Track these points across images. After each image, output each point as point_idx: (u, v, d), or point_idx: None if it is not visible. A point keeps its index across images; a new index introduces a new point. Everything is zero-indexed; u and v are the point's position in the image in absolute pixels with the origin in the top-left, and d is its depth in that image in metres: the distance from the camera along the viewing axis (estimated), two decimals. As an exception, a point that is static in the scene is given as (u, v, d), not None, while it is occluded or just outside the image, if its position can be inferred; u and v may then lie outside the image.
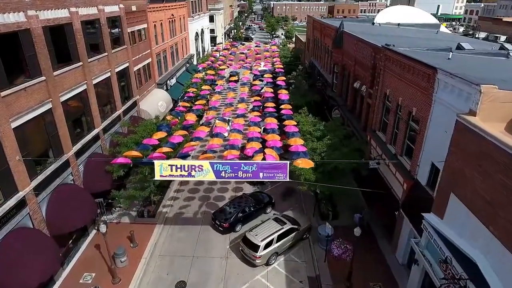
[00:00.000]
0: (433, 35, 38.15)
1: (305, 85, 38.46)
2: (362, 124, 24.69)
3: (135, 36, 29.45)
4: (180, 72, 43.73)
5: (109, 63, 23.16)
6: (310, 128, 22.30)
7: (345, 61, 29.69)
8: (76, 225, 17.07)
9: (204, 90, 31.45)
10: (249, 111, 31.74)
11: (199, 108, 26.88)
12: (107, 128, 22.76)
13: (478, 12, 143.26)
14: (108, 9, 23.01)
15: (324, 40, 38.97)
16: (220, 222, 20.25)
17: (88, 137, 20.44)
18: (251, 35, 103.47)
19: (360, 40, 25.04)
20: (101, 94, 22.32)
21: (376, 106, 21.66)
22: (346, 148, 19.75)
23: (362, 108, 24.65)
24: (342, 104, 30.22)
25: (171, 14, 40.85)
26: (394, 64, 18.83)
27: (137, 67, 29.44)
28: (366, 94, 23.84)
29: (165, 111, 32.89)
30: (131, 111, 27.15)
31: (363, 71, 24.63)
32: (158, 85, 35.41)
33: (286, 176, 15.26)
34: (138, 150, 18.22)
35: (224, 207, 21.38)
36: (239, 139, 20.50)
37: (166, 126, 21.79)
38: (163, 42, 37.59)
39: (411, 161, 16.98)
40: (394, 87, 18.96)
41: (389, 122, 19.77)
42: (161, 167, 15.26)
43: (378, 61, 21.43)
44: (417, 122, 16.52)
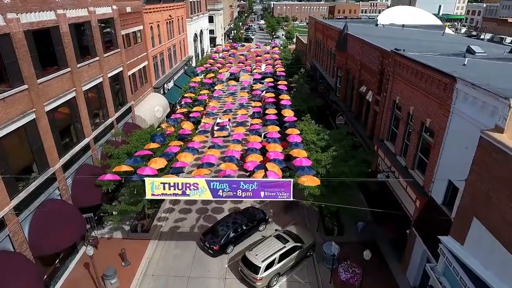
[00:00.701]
0: (439, 37, 36.87)
1: (307, 88, 37.19)
2: (368, 132, 23.40)
3: (130, 38, 28.17)
4: (178, 74, 42.46)
5: (101, 68, 21.87)
6: (313, 137, 21.00)
7: (350, 65, 28.41)
8: (62, 246, 15.77)
9: (202, 95, 30.14)
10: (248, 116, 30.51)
11: (196, 116, 25.57)
12: (98, 137, 21.48)
13: (480, 12, 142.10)
14: (100, 10, 21.72)
15: (327, 42, 37.69)
16: (210, 245, 18.52)
17: (77, 147, 19.16)
18: (251, 35, 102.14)
19: (366, 44, 23.74)
20: (92, 101, 21.04)
21: (384, 114, 20.37)
22: (353, 160, 18.44)
23: (369, 115, 23.36)
24: (346, 110, 28.95)
25: (169, 15, 39.58)
26: (404, 71, 17.55)
27: (132, 71, 28.16)
28: (373, 100, 22.56)
29: (161, 116, 31.62)
30: (125, 118, 25.86)
31: (370, 76, 23.34)
32: (155, 89, 34.13)
33: (290, 195, 13.98)
34: (129, 165, 16.93)
35: (213, 227, 19.61)
36: (238, 151, 19.18)
37: (161, 136, 20.46)
38: (160, 44, 36.32)
39: (424, 176, 15.68)
40: (404, 95, 17.68)
41: (398, 132, 18.49)
42: (152, 185, 13.98)
43: (386, 66, 20.15)
44: (431, 135, 15.24)
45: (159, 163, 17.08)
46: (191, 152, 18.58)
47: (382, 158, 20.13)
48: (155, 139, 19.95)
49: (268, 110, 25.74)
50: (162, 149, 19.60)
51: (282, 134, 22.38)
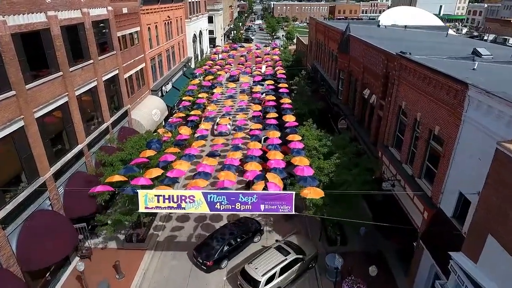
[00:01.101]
0: (443, 39, 36.10)
1: (308, 91, 36.43)
2: (371, 137, 22.63)
3: (127, 40, 27.42)
4: (176, 76, 41.68)
5: (95, 72, 21.12)
6: (315, 143, 20.24)
7: (352, 68, 27.65)
8: (52, 259, 15.02)
9: (200, 99, 29.37)
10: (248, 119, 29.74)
11: (194, 119, 24.80)
12: (92, 143, 20.73)
13: (481, 12, 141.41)
14: (94, 12, 20.97)
15: (328, 43, 36.93)
16: (203, 260, 17.46)
17: (70, 155, 18.40)
18: (251, 36, 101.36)
19: (370, 46, 22.97)
20: (86, 106, 20.30)
21: (388, 120, 19.61)
22: (356, 168, 17.68)
23: (372, 120, 22.58)
24: (348, 113, 28.17)
25: (167, 15, 38.83)
26: (411, 75, 16.79)
27: (128, 74, 27.41)
28: (377, 105, 21.79)
29: (159, 120, 30.87)
30: (122, 122, 25.10)
31: (373, 79, 22.58)
32: (153, 92, 33.37)
33: (292, 208, 13.22)
34: (122, 174, 16.16)
35: (206, 241, 18.54)
36: (236, 159, 18.40)
37: (157, 142, 19.68)
38: (158, 46, 35.57)
39: (432, 187, 14.92)
40: (411, 100, 16.92)
41: (404, 139, 17.73)
42: (145, 198, 13.23)
43: (391, 70, 19.39)
44: (440, 143, 14.47)
45: (154, 173, 16.32)
46: (188, 159, 17.79)
47: (386, 166, 19.37)
48: (151, 146, 19.19)
49: (268, 114, 24.97)
50: (158, 155, 18.83)
51: (282, 138, 21.66)
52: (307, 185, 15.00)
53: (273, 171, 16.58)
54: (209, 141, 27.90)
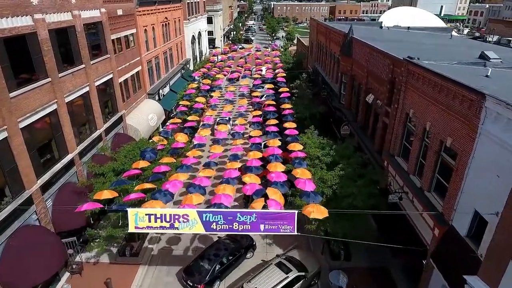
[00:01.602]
0: (448, 41, 35.18)
1: (309, 94, 35.47)
2: (376, 145, 21.69)
3: (122, 43, 26.48)
4: (174, 79, 40.72)
5: (87, 77, 20.17)
6: (318, 151, 19.29)
7: (355, 71, 26.71)
8: (39, 279, 14.10)
9: (198, 103, 28.41)
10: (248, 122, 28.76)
11: (191, 125, 23.85)
12: (84, 152, 19.78)
13: (482, 13, 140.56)
14: (86, 14, 20.02)
15: (330, 45, 35.97)
16: (193, 283, 15.98)
17: (59, 165, 17.46)
18: (251, 36, 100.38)
19: (375, 50, 22.03)
20: (77, 113, 19.36)
21: (395, 128, 18.67)
22: (361, 179, 16.73)
23: (377, 127, 21.64)
24: (351, 119, 27.23)
25: (165, 17, 37.89)
26: (420, 82, 15.84)
27: (123, 78, 26.46)
28: (382, 111, 20.84)
29: (156, 125, 29.92)
30: (116, 128, 24.15)
31: (378, 85, 21.63)
32: (149, 95, 32.42)
33: (294, 228, 12.28)
34: (112, 188, 15.20)
35: (196, 262, 16.99)
36: (235, 171, 17.44)
37: (151, 152, 18.71)
38: (155, 48, 34.62)
39: (444, 202, 13.97)
40: (419, 108, 15.97)
41: (412, 149, 16.79)
42: (136, 216, 12.29)
43: (398, 75, 18.45)
44: (452, 156, 13.53)
45: (148, 185, 15.35)
46: (184, 170, 16.82)
47: (392, 176, 18.42)
48: (145, 155, 18.23)
49: (268, 120, 24.00)
50: (153, 166, 17.88)
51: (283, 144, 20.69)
52: (310, 201, 14.05)
53: (274, 185, 15.62)
54: (207, 147, 26.78)
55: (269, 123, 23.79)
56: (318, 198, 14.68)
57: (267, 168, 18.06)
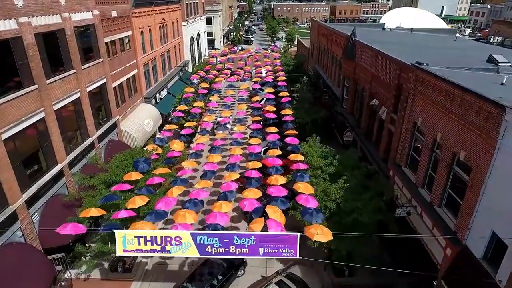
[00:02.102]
0: (453, 43, 34.25)
1: (310, 97, 34.51)
2: (381, 153, 20.73)
3: (116, 45, 25.52)
4: (172, 82, 39.75)
5: (78, 82, 19.22)
6: (320, 161, 18.32)
7: (359, 75, 25.74)
8: (20, 302, 13.09)
9: (195, 108, 27.42)
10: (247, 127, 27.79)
11: (188, 133, 22.85)
12: (75, 161, 18.82)
13: (484, 13, 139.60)
14: (77, 16, 19.07)
15: (331, 47, 35.03)
16: None
17: (47, 176, 16.50)
18: (251, 37, 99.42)
19: (379, 54, 21.06)
20: (67, 121, 18.41)
21: (401, 136, 17.71)
22: (367, 192, 15.76)
23: (382, 134, 20.69)
24: (354, 124, 26.27)
25: (162, 18, 36.93)
26: (429, 89, 14.89)
27: (118, 82, 25.51)
28: (388, 118, 19.88)
29: (152, 130, 28.94)
30: (109, 135, 23.19)
31: (383, 90, 20.67)
32: (146, 99, 31.46)
33: (296, 252, 11.33)
34: (100, 205, 14.23)
35: (185, 286, 15.65)
36: (234, 184, 16.45)
37: (144, 162, 17.73)
38: (152, 51, 33.66)
39: (457, 220, 13.01)
40: (429, 118, 15.02)
41: (421, 160, 15.83)
42: (124, 239, 11.34)
43: (405, 81, 17.49)
44: (466, 171, 12.57)
45: (138, 202, 14.37)
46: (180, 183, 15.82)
47: (399, 188, 17.47)
48: (138, 166, 17.25)
49: (268, 128, 22.98)
50: (146, 177, 16.90)
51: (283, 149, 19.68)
52: (312, 220, 13.09)
53: (274, 202, 14.63)
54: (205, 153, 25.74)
55: (269, 131, 22.76)
56: (321, 216, 13.68)
57: (267, 182, 17.10)
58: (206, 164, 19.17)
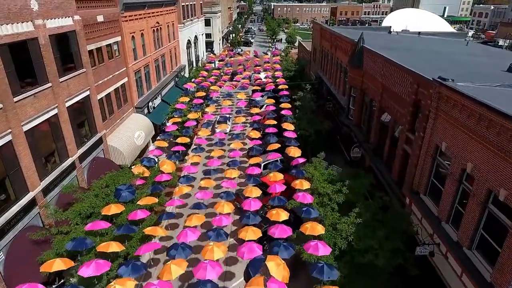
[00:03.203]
0: (465, 48, 32.19)
1: (313, 106, 32.37)
2: (394, 175, 18.64)
3: (103, 53, 23.42)
4: (167, 88, 37.59)
5: (55, 97, 17.10)
6: (328, 187, 16.21)
7: (367, 85, 23.64)
8: None
9: (190, 121, 25.26)
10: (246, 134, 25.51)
11: (180, 150, 20.67)
12: (51, 187, 16.69)
13: (487, 14, 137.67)
14: (54, 23, 16.96)
15: (336, 53, 32.94)
16: None
17: (15, 208, 14.37)
18: (251, 39, 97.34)
19: (392, 63, 18.93)
20: (40, 142, 16.30)
21: (420, 160, 15.60)
22: (382, 228, 13.65)
23: (395, 154, 18.58)
24: (362, 139, 24.15)
25: (156, 21, 34.83)
26: (457, 110, 12.78)
27: (105, 93, 23.40)
28: (402, 137, 17.77)
29: (143, 143, 26.80)
30: (94, 152, 21.07)
31: (397, 105, 18.55)
32: (137, 109, 29.34)
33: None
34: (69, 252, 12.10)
35: None
36: (227, 218, 14.30)
37: (128, 189, 15.55)
38: (144, 56, 31.55)
39: (494, 270, 10.91)
40: (456, 143, 12.92)
41: (445, 191, 13.72)
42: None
43: (424, 98, 15.37)
44: (507, 213, 10.48)
45: (112, 247, 12.22)
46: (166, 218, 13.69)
47: (418, 219, 15.37)
48: (120, 195, 15.09)
49: (270, 145, 20.77)
50: (130, 208, 14.75)
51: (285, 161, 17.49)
52: (324, 277, 10.96)
53: (276, 247, 12.49)
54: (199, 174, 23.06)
55: (269, 149, 20.54)
56: (335, 273, 11.43)
57: (267, 216, 14.98)
58: (199, 192, 16.99)
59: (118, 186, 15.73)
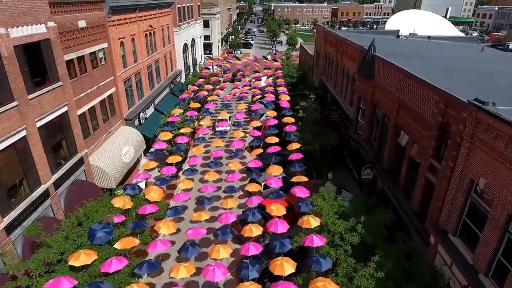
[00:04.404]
0: (482, 55, 29.83)
1: (317, 116, 29.98)
2: (414, 205, 16.28)
3: (86, 62, 21.07)
4: (162, 95, 35.21)
5: (23, 117, 14.74)
6: (339, 225, 13.83)
7: (379, 98, 21.29)
8: None
9: (181, 136, 22.82)
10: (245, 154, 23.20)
11: (169, 174, 18.25)
12: (17, 221, 14.30)
13: (491, 15, 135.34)
14: (21, 32, 14.59)
15: (342, 59, 30.57)
16: None
17: (-33, 255, 12.00)
18: (251, 40, 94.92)
19: (412, 77, 16.52)
20: (4, 171, 13.92)
21: (449, 194, 13.25)
22: (409, 283, 11.29)
23: (416, 182, 16.22)
24: (373, 156, 21.80)
25: (149, 25, 32.48)
26: (502, 143, 10.43)
27: (87, 106, 21.05)
28: (425, 163, 15.41)
29: (132, 160, 24.43)
30: (73, 175, 18.70)
31: (418, 126, 16.17)
32: (127, 121, 26.96)
33: None
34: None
35: None
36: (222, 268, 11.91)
37: (104, 229, 13.09)
38: (135, 63, 29.20)
39: None
40: (499, 181, 10.57)
41: (483, 237, 11.36)
42: None
43: (455, 122, 13.00)
44: None
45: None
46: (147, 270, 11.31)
47: (446, 263, 13.03)
48: (94, 236, 12.68)
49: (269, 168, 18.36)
50: (103, 254, 12.33)
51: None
52: None
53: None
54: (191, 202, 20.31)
55: (270, 173, 18.10)
56: None
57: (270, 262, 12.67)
58: (189, 230, 14.52)
59: (93, 225, 13.31)
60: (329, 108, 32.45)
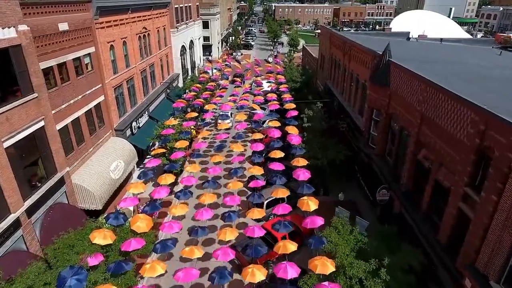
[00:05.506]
0: (502, 59, 27.59)
1: (324, 126, 27.79)
2: (442, 237, 14.05)
3: (68, 69, 18.89)
4: (157, 102, 32.97)
5: (-15, 137, 12.56)
6: (358, 268, 11.61)
7: (396, 110, 19.09)
8: None
9: (177, 152, 20.60)
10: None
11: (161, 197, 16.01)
12: (-22, 261, 12.13)
13: (496, 16, 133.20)
14: (-16, 37, 12.41)
15: (349, 64, 28.40)
16: None
17: None
18: (251, 41, 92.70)
19: (440, 89, 14.29)
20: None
21: (492, 234, 11.04)
22: None
23: (445, 211, 14.00)
24: (387, 173, 19.60)
25: (143, 27, 30.29)
26: None
27: (69, 119, 18.87)
28: (457, 191, 13.17)
29: (122, 176, 22.22)
30: (52, 198, 16.48)
31: (447, 146, 13.95)
32: (117, 132, 24.77)
33: None
34: None
35: None
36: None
37: (78, 275, 10.83)
38: (127, 68, 26.99)
39: None
40: None
41: (541, 293, 9.20)
42: None
43: (499, 147, 10.78)
44: None
45: None
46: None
47: (488, 316, 10.85)
48: (64, 285, 10.46)
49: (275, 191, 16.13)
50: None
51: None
52: None
53: None
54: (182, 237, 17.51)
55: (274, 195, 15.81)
56: None
57: None
58: (179, 272, 12.15)
59: (63, 270, 11.02)
60: (336, 117, 30.24)
